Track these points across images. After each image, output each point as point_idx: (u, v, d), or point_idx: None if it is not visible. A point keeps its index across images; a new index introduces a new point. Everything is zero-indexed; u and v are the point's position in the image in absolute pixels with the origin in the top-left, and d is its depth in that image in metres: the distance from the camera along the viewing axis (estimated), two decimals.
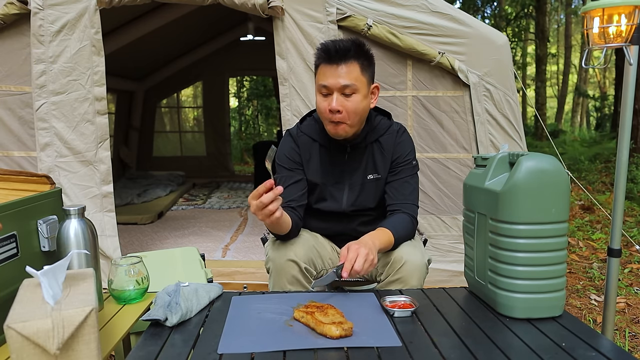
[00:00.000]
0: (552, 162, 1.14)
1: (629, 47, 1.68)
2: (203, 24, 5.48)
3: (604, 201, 4.96)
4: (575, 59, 18.48)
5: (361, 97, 1.46)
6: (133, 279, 1.28)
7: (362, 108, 1.48)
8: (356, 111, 1.47)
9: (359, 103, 1.46)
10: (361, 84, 1.45)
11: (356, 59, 1.44)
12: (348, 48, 1.42)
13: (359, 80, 1.44)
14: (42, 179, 1.40)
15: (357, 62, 1.44)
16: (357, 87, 1.44)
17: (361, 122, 1.53)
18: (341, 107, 1.45)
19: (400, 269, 1.49)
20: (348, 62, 1.43)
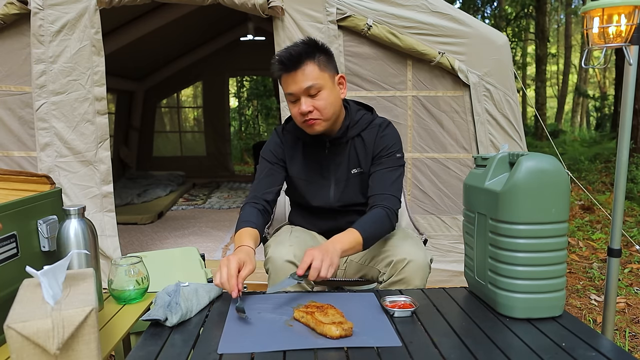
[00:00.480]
0: (552, 162, 1.14)
1: (628, 47, 1.68)
2: (203, 24, 5.48)
3: (604, 201, 4.96)
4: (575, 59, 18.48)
5: (328, 92, 1.49)
6: (133, 279, 1.29)
7: (332, 102, 1.51)
8: (327, 106, 1.50)
9: (327, 98, 1.49)
10: (323, 80, 1.48)
11: (311, 58, 1.47)
12: (299, 52, 1.46)
13: (320, 77, 1.47)
14: (42, 179, 1.40)
15: (313, 61, 1.47)
16: (321, 84, 1.48)
17: (335, 114, 1.55)
18: (311, 107, 1.49)
19: (404, 269, 1.49)
20: (304, 65, 1.46)
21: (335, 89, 1.53)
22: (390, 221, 1.54)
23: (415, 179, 2.67)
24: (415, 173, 2.67)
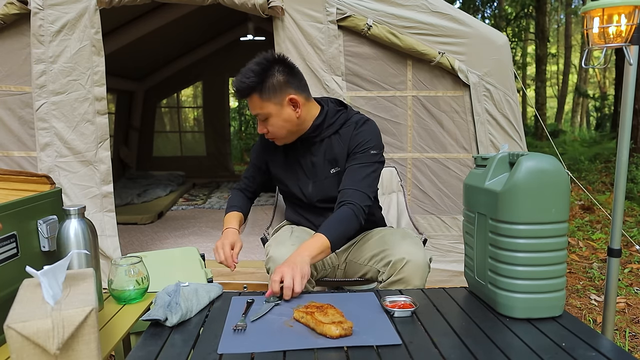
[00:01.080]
0: (552, 162, 1.14)
1: (628, 47, 1.68)
2: (203, 24, 5.47)
3: (604, 201, 4.96)
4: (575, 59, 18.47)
5: (274, 118, 1.59)
6: (133, 279, 1.29)
7: (282, 124, 1.60)
8: (276, 130, 1.61)
9: (277, 122, 1.59)
10: (268, 109, 1.57)
11: (253, 92, 1.55)
12: (242, 88, 1.55)
13: (264, 107, 1.57)
14: (42, 179, 1.40)
15: (255, 94, 1.55)
16: (266, 113, 1.58)
17: (291, 131, 1.63)
18: (264, 130, 1.63)
19: (403, 269, 1.49)
20: (249, 97, 1.57)
21: (286, 112, 1.59)
22: (357, 218, 1.54)
23: (415, 179, 2.68)
24: (415, 173, 2.67)
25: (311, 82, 2.54)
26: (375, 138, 1.65)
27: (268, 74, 1.54)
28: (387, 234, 1.68)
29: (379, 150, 1.64)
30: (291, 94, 1.58)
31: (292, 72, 1.61)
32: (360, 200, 1.55)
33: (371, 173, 1.61)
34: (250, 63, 1.56)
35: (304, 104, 1.62)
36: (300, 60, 2.53)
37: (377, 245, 1.65)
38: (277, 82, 1.55)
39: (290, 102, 1.58)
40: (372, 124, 1.69)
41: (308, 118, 1.65)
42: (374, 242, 1.68)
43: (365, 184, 1.58)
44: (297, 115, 1.60)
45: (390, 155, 2.64)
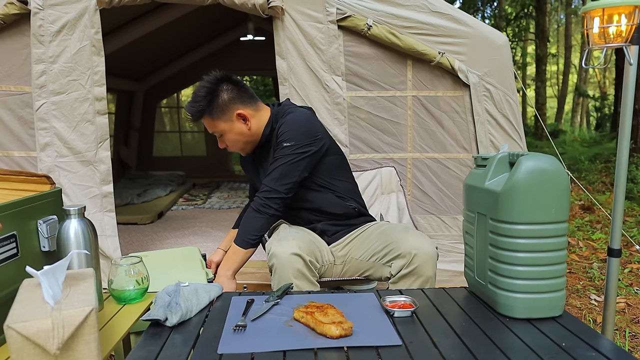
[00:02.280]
0: (552, 162, 1.14)
1: (629, 47, 1.68)
2: (203, 24, 5.47)
3: (604, 201, 4.95)
4: (575, 59, 18.47)
5: (228, 133, 1.72)
6: (133, 279, 1.28)
7: (235, 138, 1.74)
8: (232, 143, 1.76)
9: (231, 137, 1.73)
10: (220, 127, 1.71)
11: (203, 115, 1.69)
12: (193, 113, 1.69)
13: (216, 126, 1.71)
14: (42, 179, 1.40)
15: (206, 116, 1.69)
16: (220, 130, 1.71)
17: (247, 142, 1.76)
18: (224, 145, 1.77)
19: (413, 261, 1.51)
20: (201, 119, 1.71)
21: (236, 126, 1.71)
22: (259, 212, 1.65)
23: (415, 179, 2.68)
24: (415, 173, 2.67)
25: (311, 82, 2.55)
26: (293, 129, 1.68)
27: (214, 96, 1.67)
28: (387, 229, 1.68)
29: (295, 142, 1.66)
30: (239, 109, 1.69)
31: (237, 87, 1.71)
32: (263, 193, 1.66)
33: (281, 165, 1.66)
34: (197, 88, 1.70)
35: (253, 116, 1.72)
36: (300, 60, 2.53)
37: (378, 242, 1.65)
38: (223, 102, 1.68)
39: (238, 117, 1.70)
40: (293, 115, 1.72)
41: (260, 126, 1.75)
42: (375, 238, 1.68)
43: (272, 177, 1.66)
44: (248, 127, 1.72)
45: (390, 155, 2.64)
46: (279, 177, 1.65)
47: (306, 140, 1.66)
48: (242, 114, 1.69)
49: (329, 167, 1.75)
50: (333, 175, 1.78)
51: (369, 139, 2.64)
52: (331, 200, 1.76)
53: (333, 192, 1.77)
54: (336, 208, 1.77)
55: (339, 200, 1.78)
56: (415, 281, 1.52)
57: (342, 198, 1.79)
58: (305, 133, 1.67)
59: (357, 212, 1.82)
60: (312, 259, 1.56)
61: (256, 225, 1.66)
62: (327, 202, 1.76)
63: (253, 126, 1.73)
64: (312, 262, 1.55)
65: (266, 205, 1.64)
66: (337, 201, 1.77)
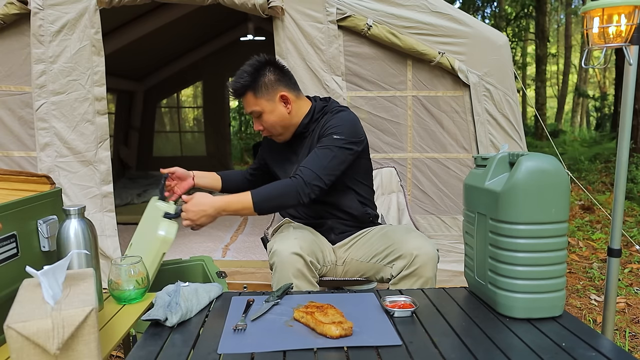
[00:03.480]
0: (552, 162, 1.14)
1: (628, 47, 1.68)
2: (203, 24, 5.47)
3: (604, 201, 4.95)
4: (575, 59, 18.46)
5: (269, 115, 1.69)
6: (133, 279, 1.28)
7: (275, 120, 1.70)
8: (270, 125, 1.72)
9: (269, 119, 1.70)
10: (262, 106, 1.68)
11: (247, 90, 1.67)
12: (236, 88, 1.68)
13: (257, 104, 1.68)
14: (42, 179, 1.40)
15: (250, 92, 1.67)
16: (260, 110, 1.68)
17: (285, 127, 1.73)
18: (260, 127, 1.74)
19: (414, 262, 1.51)
20: (244, 96, 1.69)
21: (278, 108, 1.69)
22: (296, 191, 1.55)
23: (415, 179, 2.68)
24: (415, 173, 2.67)
25: (311, 82, 2.55)
26: (344, 125, 1.67)
27: (260, 74, 1.66)
28: (389, 231, 1.69)
29: (345, 136, 1.64)
30: (282, 92, 1.68)
31: (282, 71, 1.71)
32: (307, 176, 1.56)
33: (330, 155, 1.60)
34: (244, 66, 1.68)
35: (294, 101, 1.71)
36: (300, 60, 2.53)
37: (380, 243, 1.65)
38: (269, 81, 1.67)
39: (281, 99, 1.69)
40: (345, 114, 1.72)
41: (299, 114, 1.74)
42: (376, 240, 1.68)
43: (318, 164, 1.59)
44: (289, 111, 1.70)
45: (390, 155, 2.64)
46: (326, 165, 1.59)
47: (355, 138, 1.67)
48: (285, 96, 1.68)
49: (358, 169, 1.75)
50: (359, 178, 1.78)
51: (369, 139, 2.62)
52: (351, 201, 1.76)
53: (356, 195, 1.77)
54: (353, 210, 1.77)
55: (359, 203, 1.78)
56: (416, 282, 1.53)
57: (362, 203, 1.80)
58: (355, 131, 1.69)
59: (370, 219, 1.82)
60: (313, 260, 1.56)
61: (283, 202, 1.58)
62: (346, 202, 1.75)
63: (293, 111, 1.71)
64: (313, 263, 1.56)
65: (306, 190, 1.54)
66: (357, 204, 1.77)
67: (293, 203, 1.57)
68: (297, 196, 1.55)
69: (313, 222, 1.81)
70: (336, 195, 1.74)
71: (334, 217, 1.78)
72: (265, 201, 1.55)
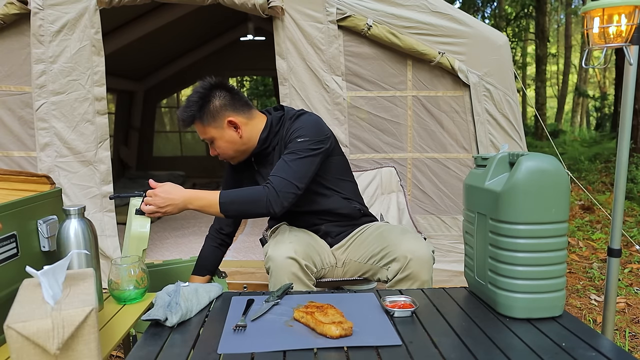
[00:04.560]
0: (552, 162, 1.14)
1: (629, 47, 1.68)
2: (203, 24, 5.47)
3: (604, 201, 4.95)
4: (575, 59, 18.47)
5: (220, 141, 1.68)
6: (133, 279, 1.28)
7: (226, 146, 1.69)
8: (225, 150, 1.70)
9: (221, 144, 1.69)
10: (211, 133, 1.67)
11: (195, 120, 1.65)
12: (184, 119, 1.66)
13: (206, 132, 1.67)
14: (42, 179, 1.40)
15: (197, 121, 1.66)
16: (210, 137, 1.68)
17: (239, 150, 1.71)
18: (215, 152, 1.73)
19: (408, 266, 1.50)
20: (194, 125, 1.68)
21: (227, 133, 1.67)
22: (267, 201, 1.51)
23: (415, 179, 2.67)
24: (415, 173, 2.67)
25: (311, 82, 2.55)
26: (306, 126, 1.64)
27: (205, 101, 1.64)
28: (384, 231, 1.68)
29: (309, 137, 1.61)
30: (229, 117, 1.65)
31: (230, 94, 1.68)
32: (277, 185, 1.53)
33: (297, 160, 1.58)
34: (191, 94, 1.68)
35: (245, 124, 1.68)
36: (300, 60, 2.53)
37: (376, 243, 1.65)
38: (214, 108, 1.64)
39: (229, 124, 1.65)
40: (305, 116, 1.70)
41: (253, 135, 1.70)
42: (373, 240, 1.68)
43: (289, 170, 1.56)
44: (240, 135, 1.67)
45: (390, 155, 2.64)
46: (297, 170, 1.56)
47: (320, 137, 1.64)
48: (233, 121, 1.64)
49: (334, 168, 1.74)
50: (338, 176, 1.77)
51: (369, 139, 2.64)
52: (337, 202, 1.76)
53: (339, 194, 1.77)
54: (342, 209, 1.77)
55: (344, 201, 1.77)
56: (412, 285, 1.52)
57: (348, 199, 1.79)
58: (319, 131, 1.66)
59: (361, 213, 1.82)
60: (309, 263, 1.55)
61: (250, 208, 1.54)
62: (333, 204, 1.75)
63: (245, 134, 1.67)
64: (309, 266, 1.55)
65: (279, 200, 1.51)
66: (343, 203, 1.77)
67: (261, 212, 1.53)
68: (268, 205, 1.51)
69: (308, 230, 1.80)
70: (321, 201, 1.74)
71: (326, 222, 1.78)
72: (233, 204, 1.52)
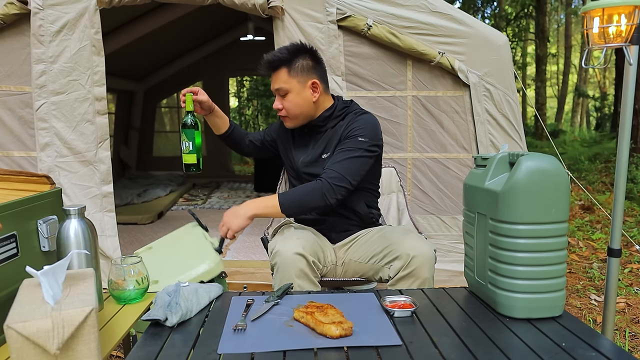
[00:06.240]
0: (552, 162, 1.14)
1: (629, 47, 1.68)
2: (203, 24, 5.48)
3: (604, 201, 4.95)
4: (575, 59, 18.46)
5: (294, 95, 1.68)
6: (133, 279, 1.28)
7: (297, 103, 1.69)
8: (293, 107, 1.70)
9: (293, 100, 1.69)
10: (291, 85, 1.67)
11: (283, 65, 1.66)
12: (272, 60, 1.67)
13: (288, 82, 1.67)
14: (42, 179, 1.40)
15: (285, 68, 1.66)
16: (288, 88, 1.67)
17: (303, 113, 1.72)
18: (280, 105, 1.72)
19: (411, 263, 1.50)
20: (276, 70, 1.68)
21: (304, 93, 1.69)
22: (322, 194, 1.57)
23: (415, 179, 2.67)
24: (415, 173, 2.67)
25: None
26: (368, 127, 1.68)
27: (299, 55, 1.67)
28: (387, 232, 1.69)
29: (369, 139, 1.65)
30: (315, 79, 1.70)
31: (319, 63, 1.73)
32: (332, 177, 1.58)
33: (355, 157, 1.62)
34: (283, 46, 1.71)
35: (322, 92, 1.72)
36: None
37: (378, 244, 1.66)
38: (306, 64, 1.68)
39: (312, 85, 1.69)
40: (368, 117, 1.73)
41: (322, 106, 1.74)
42: (375, 241, 1.68)
43: (344, 165, 1.60)
44: (314, 99, 1.70)
45: (390, 155, 2.64)
46: (352, 167, 1.61)
47: (377, 141, 1.69)
48: (316, 83, 1.69)
49: (371, 172, 1.75)
50: (370, 180, 1.79)
51: None
52: (359, 201, 1.77)
53: (364, 196, 1.78)
54: (359, 209, 1.77)
55: (365, 205, 1.79)
56: (413, 283, 1.53)
57: (369, 205, 1.80)
58: (377, 135, 1.70)
59: (373, 221, 1.83)
60: (315, 260, 1.56)
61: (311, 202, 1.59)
62: (353, 201, 1.75)
63: (319, 101, 1.72)
64: (315, 263, 1.56)
65: (333, 192, 1.56)
66: (363, 206, 1.78)
67: (319, 205, 1.59)
68: (324, 197, 1.57)
69: (314, 218, 1.81)
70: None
71: (336, 215, 1.77)
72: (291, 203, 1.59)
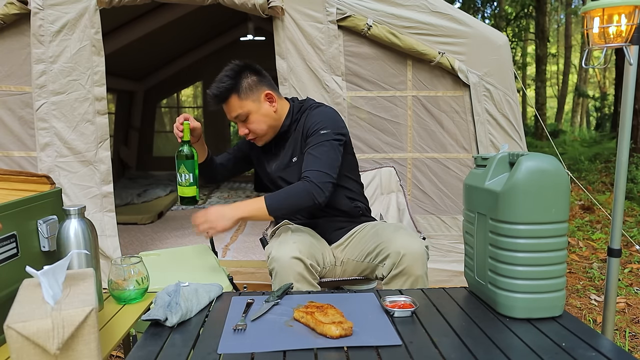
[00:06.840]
0: (552, 162, 1.14)
1: (629, 47, 1.68)
2: (203, 24, 5.48)
3: (604, 201, 4.95)
4: (575, 59, 18.47)
5: (255, 115, 1.70)
6: (133, 279, 1.28)
7: (261, 120, 1.71)
8: (258, 126, 1.71)
9: (256, 119, 1.70)
10: (248, 107, 1.68)
11: (232, 93, 1.67)
12: (219, 93, 1.67)
13: (243, 106, 1.68)
14: (42, 179, 1.40)
15: (234, 94, 1.67)
16: (247, 111, 1.69)
17: (271, 126, 1.73)
18: (245, 130, 1.73)
19: (402, 261, 1.50)
20: (227, 100, 1.68)
21: (263, 108, 1.71)
22: (311, 194, 1.57)
23: (415, 179, 2.68)
24: (415, 173, 2.67)
25: (311, 82, 2.55)
26: (325, 119, 1.69)
27: (241, 76, 1.68)
28: (379, 229, 1.69)
29: (330, 129, 1.66)
30: (265, 90, 1.70)
31: (261, 74, 1.73)
32: (315, 177, 1.59)
33: (324, 151, 1.63)
34: (221, 73, 1.69)
35: (277, 100, 1.74)
36: (300, 60, 2.53)
37: (371, 242, 1.66)
38: (252, 81, 1.69)
39: (266, 97, 1.70)
40: (324, 108, 1.75)
41: (282, 113, 1.76)
42: (368, 238, 1.68)
43: (320, 163, 1.62)
44: (274, 110, 1.72)
45: (390, 155, 2.64)
46: (327, 161, 1.62)
47: (339, 130, 1.69)
48: (270, 94, 1.70)
49: (345, 165, 1.76)
50: (346, 173, 1.79)
51: (369, 139, 2.64)
52: (340, 197, 1.78)
53: (344, 190, 1.79)
54: (343, 205, 1.78)
55: (347, 199, 1.80)
56: (406, 281, 1.52)
57: (351, 198, 1.81)
58: (337, 122, 1.71)
59: (361, 212, 1.83)
60: (313, 262, 1.56)
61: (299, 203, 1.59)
62: (335, 199, 1.75)
63: (278, 109, 1.73)
64: (313, 266, 1.55)
65: (321, 191, 1.57)
66: (346, 200, 1.79)
67: (308, 205, 1.59)
68: (312, 197, 1.57)
69: (306, 222, 1.81)
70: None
71: (325, 216, 1.79)
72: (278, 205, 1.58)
